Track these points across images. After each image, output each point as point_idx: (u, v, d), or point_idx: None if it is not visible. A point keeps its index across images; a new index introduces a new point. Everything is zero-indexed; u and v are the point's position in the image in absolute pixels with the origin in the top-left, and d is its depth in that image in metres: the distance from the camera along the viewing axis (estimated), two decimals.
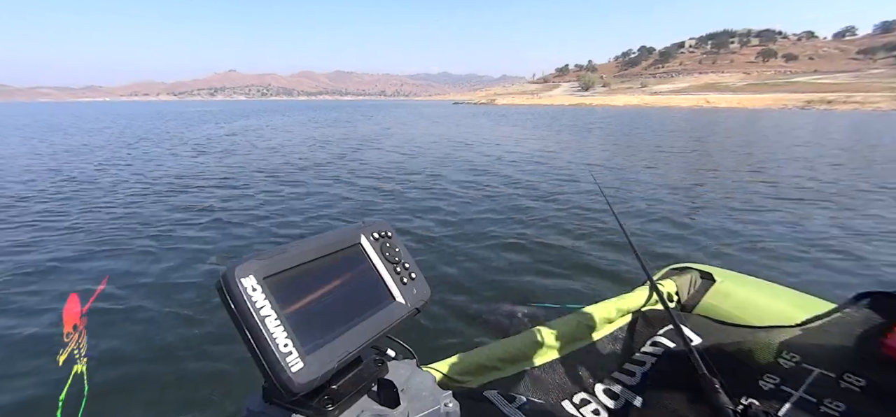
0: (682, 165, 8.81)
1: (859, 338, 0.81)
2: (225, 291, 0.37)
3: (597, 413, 0.84)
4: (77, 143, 13.10)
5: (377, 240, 0.53)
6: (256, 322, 0.37)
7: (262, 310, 0.37)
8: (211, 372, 2.26)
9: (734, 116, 32.80)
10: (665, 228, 4.57)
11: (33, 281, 3.27)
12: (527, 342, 0.96)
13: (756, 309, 1.04)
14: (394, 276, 0.52)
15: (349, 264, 0.49)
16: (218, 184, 6.80)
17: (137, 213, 5.07)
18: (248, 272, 0.38)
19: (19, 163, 9.11)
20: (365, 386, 0.47)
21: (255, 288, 0.38)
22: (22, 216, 4.93)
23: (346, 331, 0.43)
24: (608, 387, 0.89)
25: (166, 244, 4.05)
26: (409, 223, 4.74)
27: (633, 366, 0.93)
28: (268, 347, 0.36)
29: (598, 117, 31.02)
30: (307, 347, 0.39)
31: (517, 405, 0.74)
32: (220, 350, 2.40)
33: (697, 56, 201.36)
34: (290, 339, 0.38)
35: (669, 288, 1.19)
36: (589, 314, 1.04)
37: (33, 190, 6.34)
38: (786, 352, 0.82)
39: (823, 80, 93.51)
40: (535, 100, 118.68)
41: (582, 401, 0.86)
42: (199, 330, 2.63)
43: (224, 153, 10.77)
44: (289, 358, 0.37)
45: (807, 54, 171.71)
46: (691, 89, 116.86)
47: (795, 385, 0.74)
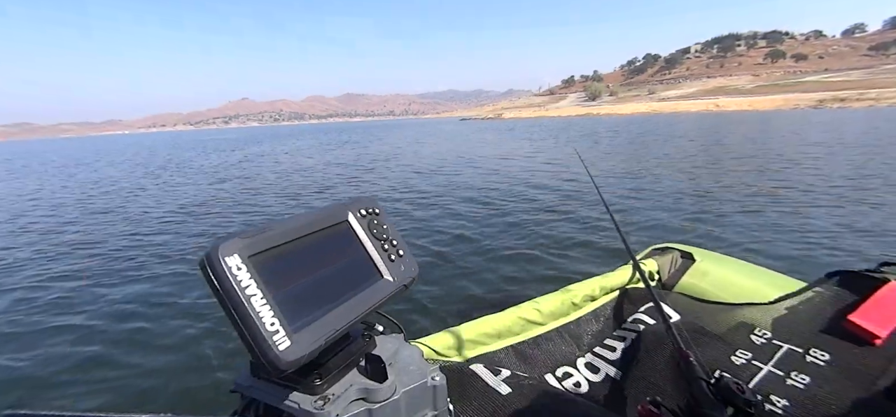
0: (692, 169, 8.86)
1: (826, 315, 0.86)
2: (209, 270, 0.36)
3: (578, 385, 0.86)
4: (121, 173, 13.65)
5: (364, 217, 0.53)
6: (242, 301, 0.36)
7: (248, 289, 0.36)
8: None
9: (746, 119, 32.47)
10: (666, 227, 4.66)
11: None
12: (513, 318, 0.98)
13: (732, 288, 1.07)
14: (381, 253, 0.52)
15: (336, 241, 0.49)
16: (233, 211, 7.09)
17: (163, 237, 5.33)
18: (232, 251, 0.37)
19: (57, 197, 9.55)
20: (353, 361, 0.48)
21: (240, 267, 0.37)
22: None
23: (333, 309, 0.43)
24: (590, 361, 0.91)
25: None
26: (413, 213, 4.90)
27: (614, 341, 0.95)
28: (254, 326, 0.36)
29: (606, 127, 31.01)
30: (294, 325, 0.39)
31: (502, 377, 0.76)
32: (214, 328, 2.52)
33: (704, 60, 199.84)
34: (277, 318, 0.37)
35: (651, 267, 1.21)
36: (573, 292, 1.07)
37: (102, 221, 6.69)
38: (758, 329, 0.86)
39: (835, 79, 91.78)
40: (542, 112, 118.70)
41: (564, 375, 0.88)
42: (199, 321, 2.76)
43: (243, 178, 11.15)
44: (276, 337, 0.36)
45: (816, 53, 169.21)
46: (699, 94, 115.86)
47: (765, 359, 0.77)
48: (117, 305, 3.10)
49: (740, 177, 7.62)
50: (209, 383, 2.18)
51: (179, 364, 2.33)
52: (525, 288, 2.94)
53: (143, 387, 2.21)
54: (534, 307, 1.01)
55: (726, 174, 8.09)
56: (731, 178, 7.58)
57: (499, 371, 0.79)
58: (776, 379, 0.72)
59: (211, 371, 2.26)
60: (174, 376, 2.26)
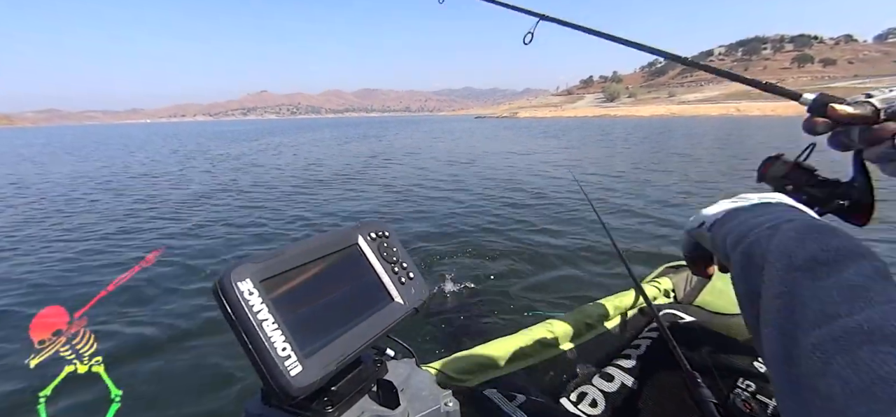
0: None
1: None
2: (221, 295, 0.37)
3: (594, 405, 0.84)
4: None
5: (374, 240, 0.53)
6: (253, 326, 0.36)
7: (260, 314, 0.37)
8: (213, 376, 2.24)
9: (768, 124, 31.68)
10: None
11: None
12: (525, 340, 0.97)
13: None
14: (392, 276, 0.52)
15: (347, 265, 0.49)
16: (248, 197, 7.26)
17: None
18: (244, 275, 0.37)
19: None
20: (365, 387, 0.47)
21: (252, 292, 0.37)
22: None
23: (344, 333, 0.43)
24: (604, 382, 0.90)
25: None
26: (412, 228, 4.91)
27: (628, 362, 0.95)
28: (265, 351, 0.36)
29: (622, 129, 30.57)
30: (306, 350, 0.39)
31: (517, 403, 0.74)
32: (221, 351, 2.39)
33: (727, 64, 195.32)
34: (288, 343, 0.37)
35: (666, 285, 1.21)
36: (585, 313, 1.08)
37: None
38: None
39: (865, 85, 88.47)
40: (559, 112, 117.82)
41: (579, 396, 0.87)
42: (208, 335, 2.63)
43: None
44: (287, 362, 0.36)
45: (846, 58, 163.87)
46: (721, 97, 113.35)
47: None
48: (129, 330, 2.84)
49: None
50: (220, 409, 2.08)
51: (191, 387, 2.22)
52: (537, 308, 2.88)
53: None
54: (547, 328, 1.01)
55: (742, 179, 7.97)
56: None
57: (513, 397, 0.76)
58: None
59: (225, 398, 2.15)
60: (185, 400, 2.16)
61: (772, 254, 0.29)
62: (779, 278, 0.27)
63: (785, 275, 0.27)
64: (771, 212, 0.35)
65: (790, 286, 0.26)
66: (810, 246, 0.27)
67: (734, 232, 0.36)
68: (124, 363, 2.38)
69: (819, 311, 0.23)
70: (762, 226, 0.33)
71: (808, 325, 0.23)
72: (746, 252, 0.32)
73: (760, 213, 0.36)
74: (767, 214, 0.35)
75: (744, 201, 0.41)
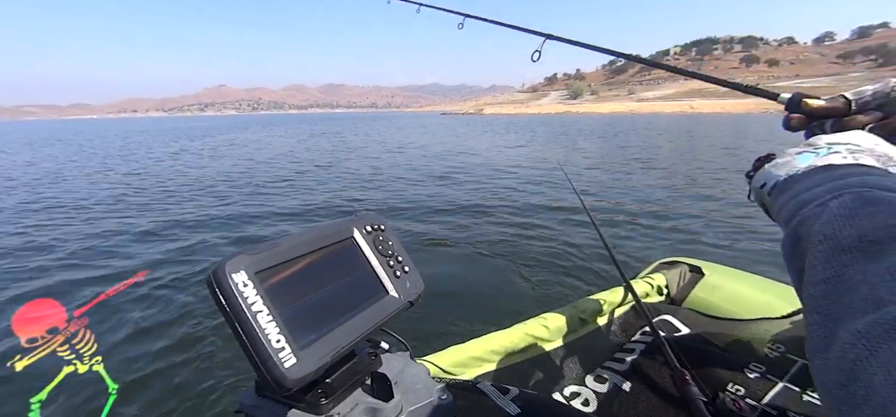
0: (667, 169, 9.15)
1: None
2: (215, 287, 0.37)
3: (586, 403, 0.85)
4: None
5: (370, 233, 0.53)
6: (248, 318, 0.36)
7: (254, 306, 0.37)
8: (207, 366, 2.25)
9: (720, 120, 33.44)
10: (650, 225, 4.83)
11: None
12: (520, 334, 0.97)
13: (744, 302, 1.06)
14: (387, 269, 0.52)
15: (342, 258, 0.49)
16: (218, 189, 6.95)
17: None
18: (238, 267, 0.37)
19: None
20: (359, 379, 0.48)
21: (246, 284, 0.37)
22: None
23: (339, 325, 0.43)
24: (598, 378, 0.91)
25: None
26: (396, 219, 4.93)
27: (622, 356, 0.95)
28: (260, 343, 0.36)
29: (579, 128, 31.47)
30: (300, 342, 0.39)
31: (510, 397, 0.75)
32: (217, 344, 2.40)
33: (682, 63, 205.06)
34: (282, 335, 0.37)
35: (659, 281, 1.20)
36: (580, 307, 1.07)
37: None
38: (772, 343, 0.85)
39: (805, 85, 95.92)
40: (523, 108, 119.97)
41: (572, 394, 0.88)
42: (200, 326, 2.64)
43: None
44: (281, 354, 0.36)
45: (788, 59, 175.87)
46: (677, 95, 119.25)
47: (780, 373, 0.75)
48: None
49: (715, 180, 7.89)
50: (212, 401, 2.09)
51: (183, 381, 2.22)
52: (530, 303, 2.90)
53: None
54: (541, 323, 1.01)
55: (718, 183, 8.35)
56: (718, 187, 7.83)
57: (507, 390, 0.77)
58: (792, 395, 0.71)
59: (219, 389, 2.16)
60: (177, 393, 2.15)
61: (816, 236, 0.27)
62: (823, 263, 0.26)
63: (831, 259, 0.25)
64: (828, 182, 0.32)
65: (838, 270, 0.25)
66: (862, 224, 0.25)
67: (787, 208, 0.33)
68: (120, 357, 2.39)
69: (868, 296, 0.22)
70: (812, 203, 0.30)
71: (856, 311, 0.22)
72: (794, 234, 0.31)
73: (817, 184, 0.32)
74: (824, 184, 0.31)
75: (811, 151, 0.37)
